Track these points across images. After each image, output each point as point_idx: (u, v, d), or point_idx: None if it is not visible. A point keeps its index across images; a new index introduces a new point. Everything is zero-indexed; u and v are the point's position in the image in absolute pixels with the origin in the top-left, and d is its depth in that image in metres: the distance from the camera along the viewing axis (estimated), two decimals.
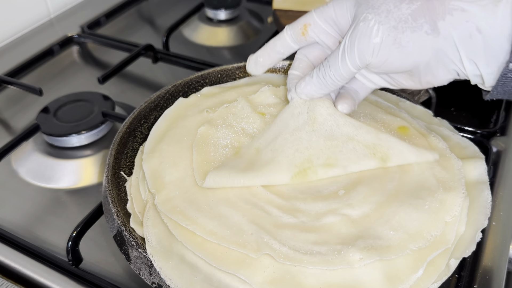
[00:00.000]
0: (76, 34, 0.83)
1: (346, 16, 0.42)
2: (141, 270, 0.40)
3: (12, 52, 0.81)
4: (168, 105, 0.54)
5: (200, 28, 0.87)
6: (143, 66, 0.77)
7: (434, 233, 0.39)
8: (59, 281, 0.45)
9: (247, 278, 0.36)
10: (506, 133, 0.58)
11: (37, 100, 0.70)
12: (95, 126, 0.62)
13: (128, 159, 0.50)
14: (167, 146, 0.47)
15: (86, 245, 0.48)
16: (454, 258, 0.38)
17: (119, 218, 0.42)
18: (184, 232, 0.39)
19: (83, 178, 0.58)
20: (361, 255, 0.37)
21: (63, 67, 0.79)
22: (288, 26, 0.47)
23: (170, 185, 0.43)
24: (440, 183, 0.43)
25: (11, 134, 0.66)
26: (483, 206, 0.42)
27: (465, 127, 0.58)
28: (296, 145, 0.44)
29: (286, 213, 0.41)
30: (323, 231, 0.39)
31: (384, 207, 0.41)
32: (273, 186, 0.43)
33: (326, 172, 0.43)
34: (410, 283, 0.36)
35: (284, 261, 0.37)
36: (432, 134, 0.48)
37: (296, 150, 0.44)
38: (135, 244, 0.40)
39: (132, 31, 0.88)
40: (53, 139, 0.61)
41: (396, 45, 0.39)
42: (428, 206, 0.40)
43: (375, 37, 0.39)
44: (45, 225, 0.52)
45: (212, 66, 0.66)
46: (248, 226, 0.39)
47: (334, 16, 0.43)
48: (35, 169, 0.59)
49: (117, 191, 0.46)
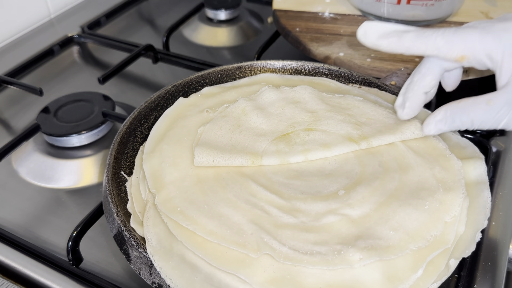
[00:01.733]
0: (76, 34, 0.83)
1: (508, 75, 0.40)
2: (141, 270, 0.40)
3: (12, 52, 0.81)
4: (168, 105, 0.54)
5: (200, 28, 0.87)
6: (143, 66, 0.77)
7: (434, 233, 0.39)
8: (59, 281, 0.45)
9: (247, 278, 0.36)
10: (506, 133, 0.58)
11: (37, 100, 0.70)
12: (95, 126, 0.62)
13: (129, 159, 0.50)
14: (167, 146, 0.48)
15: (86, 245, 0.48)
16: (453, 258, 0.38)
17: (119, 218, 0.42)
18: (184, 232, 0.40)
19: (83, 178, 0.58)
20: (361, 255, 0.37)
21: (63, 67, 0.79)
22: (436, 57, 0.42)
23: (170, 185, 0.44)
24: (440, 184, 0.43)
25: (11, 134, 0.66)
26: (483, 206, 0.42)
27: None
28: (280, 117, 0.50)
29: (286, 213, 0.41)
30: (323, 231, 0.39)
31: (384, 207, 0.41)
32: (272, 185, 0.43)
33: (308, 134, 0.48)
34: (410, 283, 0.36)
35: (284, 261, 0.37)
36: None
37: (280, 120, 0.50)
38: (135, 244, 0.40)
39: (132, 31, 0.88)
40: (53, 139, 0.61)
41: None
42: (428, 206, 0.41)
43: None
44: (45, 225, 0.52)
45: (212, 66, 0.67)
46: (248, 226, 0.39)
47: (500, 61, 0.40)
48: (36, 169, 0.59)
49: (117, 191, 0.46)
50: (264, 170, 0.45)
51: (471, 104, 0.41)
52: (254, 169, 0.45)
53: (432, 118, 0.44)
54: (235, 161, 0.45)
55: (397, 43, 0.42)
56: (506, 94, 0.40)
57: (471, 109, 0.41)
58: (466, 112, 0.41)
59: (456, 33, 0.41)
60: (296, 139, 0.47)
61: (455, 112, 0.42)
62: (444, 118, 0.43)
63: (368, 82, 0.57)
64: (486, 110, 0.40)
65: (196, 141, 0.47)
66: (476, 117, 0.41)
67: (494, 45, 0.40)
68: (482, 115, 0.41)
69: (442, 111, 0.43)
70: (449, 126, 0.43)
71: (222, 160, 0.45)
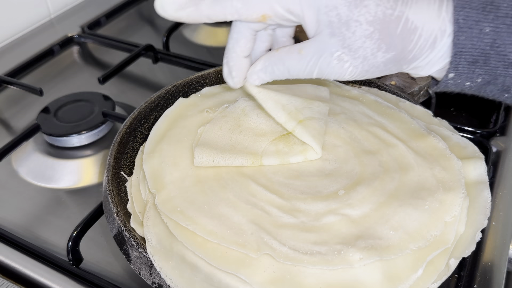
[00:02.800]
0: (76, 34, 0.83)
1: (314, 25, 0.39)
2: (141, 270, 0.40)
3: (12, 52, 0.81)
4: (168, 105, 0.54)
5: (200, 28, 0.87)
6: (143, 66, 0.77)
7: (434, 233, 0.39)
8: (59, 281, 0.45)
9: (247, 278, 0.36)
10: (506, 133, 0.58)
11: (37, 100, 0.70)
12: (96, 126, 0.62)
13: (129, 159, 0.50)
14: (167, 146, 0.48)
15: (86, 245, 0.48)
16: (454, 258, 0.38)
17: (120, 218, 0.42)
18: (184, 232, 0.40)
19: (84, 178, 0.58)
20: (361, 255, 0.37)
21: (63, 67, 0.79)
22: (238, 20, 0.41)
23: (170, 185, 0.44)
24: (440, 183, 0.43)
25: (11, 134, 0.66)
26: (483, 206, 0.42)
27: (465, 127, 0.58)
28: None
29: (286, 213, 0.41)
30: (323, 231, 0.39)
31: (384, 207, 0.41)
32: (272, 185, 0.43)
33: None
34: (410, 283, 0.36)
35: (284, 261, 0.37)
36: (431, 134, 0.48)
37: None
38: (135, 244, 0.40)
39: (132, 31, 0.88)
40: (54, 139, 0.61)
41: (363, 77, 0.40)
42: (428, 206, 0.41)
43: (347, 76, 0.40)
44: (45, 225, 0.52)
45: (212, 66, 0.67)
46: (248, 226, 0.39)
47: (300, 13, 0.39)
48: (36, 169, 0.59)
49: (118, 191, 0.46)
50: (264, 170, 0.45)
51: (286, 53, 0.41)
52: (254, 169, 0.45)
53: (253, 68, 0.43)
54: (235, 161, 0.45)
55: (195, 12, 0.40)
56: (315, 43, 0.39)
57: (285, 58, 0.41)
58: (282, 61, 0.41)
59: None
60: (296, 139, 0.47)
61: (273, 62, 0.41)
62: (263, 67, 0.42)
63: (368, 82, 0.57)
64: (298, 59, 0.40)
65: (196, 141, 0.47)
66: (291, 66, 0.40)
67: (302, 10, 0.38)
68: (295, 64, 0.40)
69: (261, 60, 0.42)
70: (269, 76, 0.42)
71: (222, 160, 0.45)
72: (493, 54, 0.36)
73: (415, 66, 0.39)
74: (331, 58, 0.39)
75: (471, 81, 0.38)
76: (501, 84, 0.38)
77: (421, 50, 0.38)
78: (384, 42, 0.37)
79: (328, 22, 0.38)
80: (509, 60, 0.36)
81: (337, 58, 0.38)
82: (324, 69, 0.39)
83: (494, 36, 0.36)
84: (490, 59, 0.37)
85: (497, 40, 0.36)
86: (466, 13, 0.36)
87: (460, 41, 0.36)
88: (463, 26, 0.36)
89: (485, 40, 0.36)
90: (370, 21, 0.37)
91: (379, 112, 0.51)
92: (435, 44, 0.37)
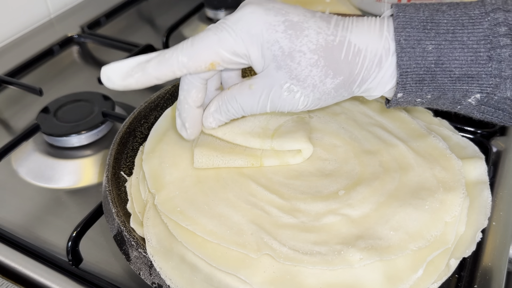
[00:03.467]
0: (76, 34, 0.83)
1: (260, 62, 0.39)
2: (141, 270, 0.40)
3: (12, 52, 0.81)
4: (168, 105, 0.54)
5: (200, 28, 0.87)
6: None
7: (434, 233, 0.39)
8: (59, 281, 0.45)
9: (247, 278, 0.36)
10: (506, 133, 0.58)
11: (37, 100, 0.70)
12: (95, 126, 0.62)
13: (128, 159, 0.50)
14: (167, 146, 0.48)
15: (86, 245, 0.48)
16: (454, 258, 0.38)
17: (119, 218, 0.42)
18: (184, 232, 0.39)
19: (83, 178, 0.58)
20: (361, 255, 0.37)
21: (63, 67, 0.79)
22: (187, 74, 0.40)
23: (170, 185, 0.43)
24: (440, 183, 0.43)
25: (11, 134, 0.66)
26: (483, 206, 0.42)
27: (465, 127, 0.58)
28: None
29: (286, 213, 0.41)
30: (323, 231, 0.39)
31: (384, 207, 0.41)
32: (272, 185, 0.43)
33: None
34: (410, 283, 0.36)
35: (284, 261, 0.37)
36: (432, 134, 0.48)
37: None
38: (135, 244, 0.40)
39: (132, 31, 0.88)
40: (53, 139, 0.61)
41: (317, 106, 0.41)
42: (428, 206, 0.41)
43: (301, 106, 0.40)
44: (45, 225, 0.52)
45: None
46: (248, 226, 0.39)
47: (246, 53, 0.39)
48: (35, 169, 0.59)
49: (117, 191, 0.46)
50: (264, 170, 0.45)
51: (237, 90, 0.41)
52: (254, 169, 0.45)
53: (207, 111, 0.43)
54: (235, 163, 0.45)
55: (144, 77, 0.40)
56: (264, 77, 0.39)
57: (238, 95, 0.41)
58: (234, 98, 0.41)
59: (194, 44, 0.39)
60: None
61: (226, 100, 0.41)
62: (217, 107, 0.42)
63: None
64: (250, 94, 0.40)
65: (196, 142, 0.47)
66: (243, 103, 0.40)
67: (232, 41, 0.38)
68: (247, 100, 0.40)
69: (214, 101, 0.42)
70: (225, 115, 0.42)
71: (221, 162, 0.45)
72: (439, 71, 0.36)
73: (367, 88, 0.39)
74: (281, 90, 0.39)
75: (421, 98, 0.39)
76: (451, 98, 0.38)
77: (368, 71, 0.38)
78: (331, 68, 0.37)
79: (273, 56, 0.38)
80: (455, 75, 0.36)
81: (287, 89, 0.39)
82: (276, 102, 0.40)
83: (437, 53, 0.36)
84: (436, 76, 0.37)
85: (441, 57, 0.36)
86: (407, 33, 0.36)
87: (404, 61, 0.36)
88: (405, 47, 0.36)
89: (429, 58, 0.36)
90: (313, 50, 0.37)
91: (379, 112, 0.51)
92: (381, 63, 0.37)
